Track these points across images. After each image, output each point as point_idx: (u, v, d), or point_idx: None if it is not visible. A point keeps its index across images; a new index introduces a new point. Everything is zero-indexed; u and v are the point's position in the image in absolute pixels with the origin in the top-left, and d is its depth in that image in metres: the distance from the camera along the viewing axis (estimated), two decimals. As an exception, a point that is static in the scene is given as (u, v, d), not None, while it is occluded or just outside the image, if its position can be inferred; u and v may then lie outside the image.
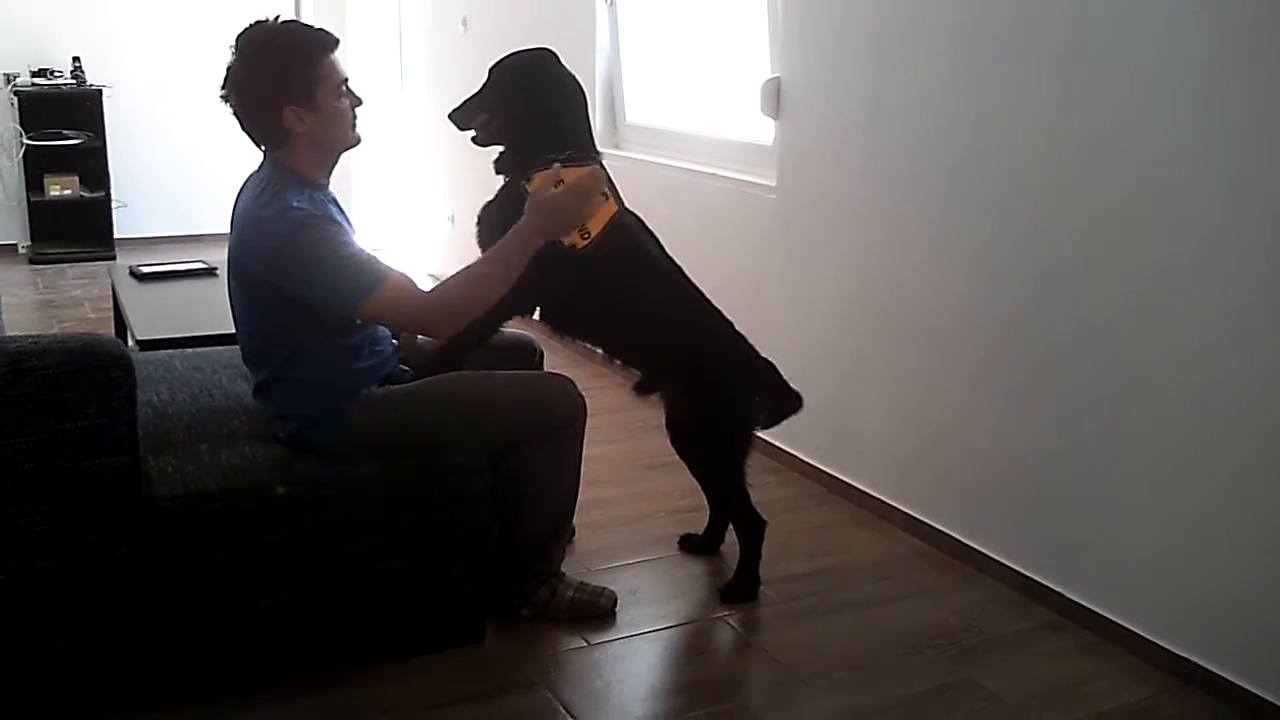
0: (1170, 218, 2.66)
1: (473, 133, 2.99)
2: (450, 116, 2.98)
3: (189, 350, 3.36)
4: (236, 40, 2.61)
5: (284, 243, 2.51)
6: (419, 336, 2.98)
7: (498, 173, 2.97)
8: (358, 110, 2.68)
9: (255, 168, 2.71)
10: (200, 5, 7.64)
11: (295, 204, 2.53)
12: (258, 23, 2.62)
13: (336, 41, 2.64)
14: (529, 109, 2.91)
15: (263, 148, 2.67)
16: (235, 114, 2.62)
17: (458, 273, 2.61)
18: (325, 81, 2.59)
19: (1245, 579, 2.58)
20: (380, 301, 2.50)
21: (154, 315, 4.08)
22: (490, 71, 2.99)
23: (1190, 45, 2.59)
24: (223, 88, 2.61)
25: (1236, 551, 2.60)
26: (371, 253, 2.58)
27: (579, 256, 2.79)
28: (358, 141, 2.70)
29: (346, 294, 2.50)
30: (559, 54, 2.99)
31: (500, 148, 2.98)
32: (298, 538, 2.57)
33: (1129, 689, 2.72)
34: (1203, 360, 2.62)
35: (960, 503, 3.35)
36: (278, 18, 2.65)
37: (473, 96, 2.98)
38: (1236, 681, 2.60)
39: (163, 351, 3.38)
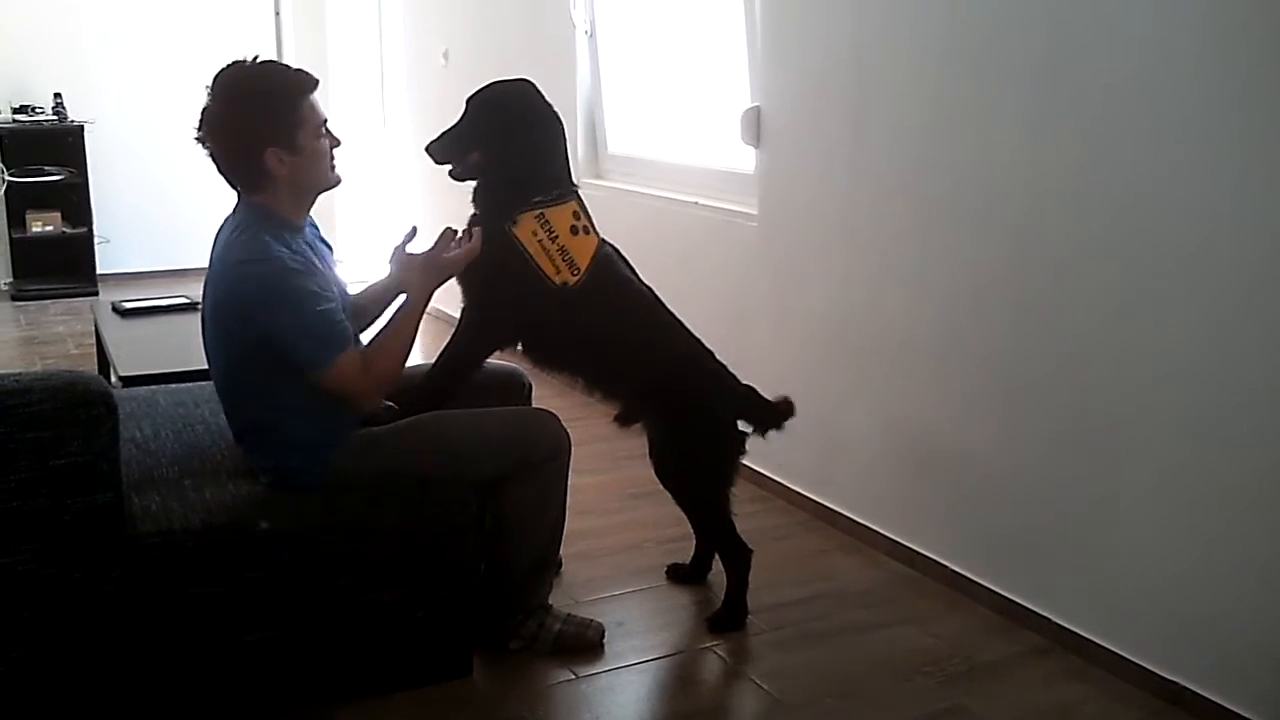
0: (1152, 241, 2.67)
1: (449, 167, 2.91)
2: (428, 150, 2.90)
3: (172, 386, 3.36)
4: (213, 82, 2.58)
5: (264, 286, 2.50)
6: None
7: (476, 206, 2.93)
8: (336, 151, 2.67)
9: (230, 212, 2.67)
10: (181, 41, 7.65)
11: (276, 249, 2.52)
12: (234, 64, 2.59)
13: (316, 82, 2.62)
14: (516, 147, 2.84)
15: (238, 190, 2.64)
16: (213, 157, 2.59)
17: (377, 347, 2.65)
18: (306, 124, 2.57)
19: (1230, 600, 2.59)
20: (335, 373, 2.53)
21: (137, 351, 4.06)
22: (469, 102, 2.92)
23: (1171, 72, 2.61)
24: (199, 130, 2.57)
25: (1221, 573, 2.60)
26: (340, 317, 2.58)
27: (568, 292, 2.81)
28: (338, 182, 2.70)
29: (309, 354, 2.53)
30: (538, 84, 2.97)
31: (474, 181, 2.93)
32: (282, 573, 2.56)
33: (1116, 714, 2.72)
34: (1187, 381, 2.63)
35: (946, 528, 3.35)
36: (255, 58, 2.62)
37: (452, 128, 2.90)
38: (1223, 703, 2.60)
39: (146, 387, 3.37)
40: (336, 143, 2.66)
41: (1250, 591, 2.55)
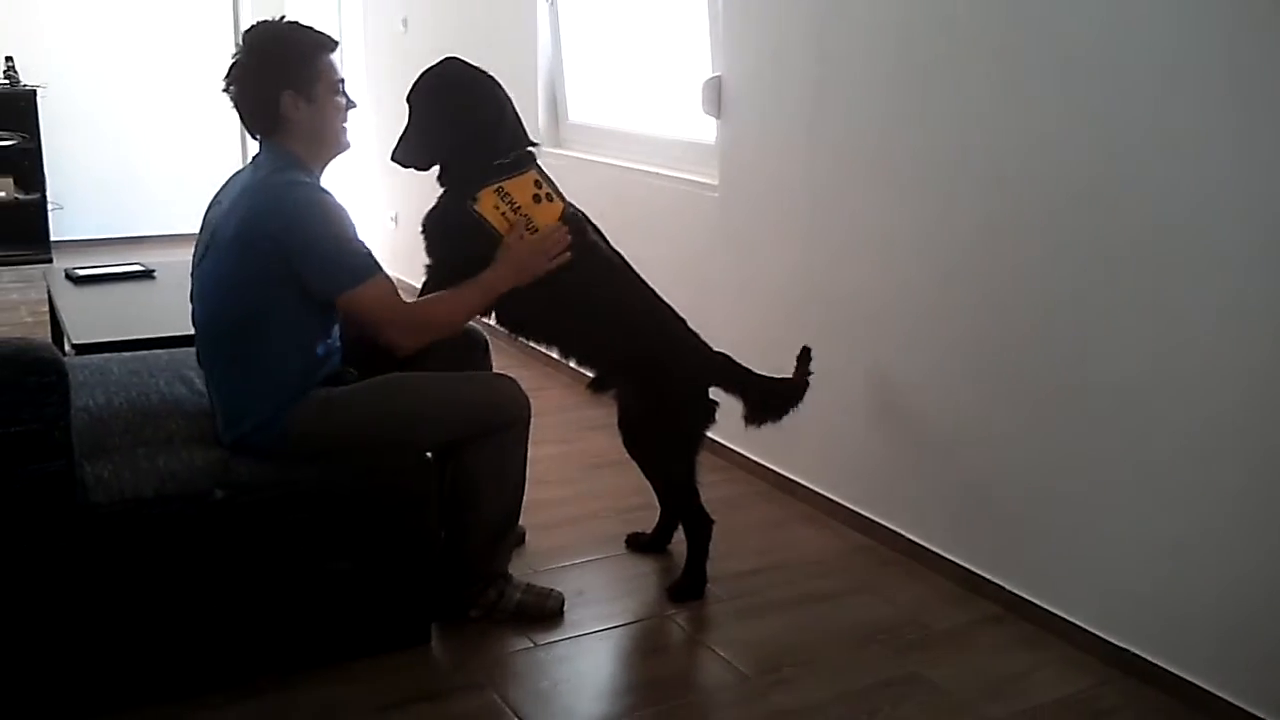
0: (1129, 215, 2.66)
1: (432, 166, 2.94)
2: (394, 159, 2.95)
3: (126, 354, 3.32)
4: (244, 36, 2.77)
5: (315, 202, 2.63)
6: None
7: (441, 184, 2.95)
8: (350, 114, 2.79)
9: (250, 161, 2.81)
10: (136, 4, 7.52)
11: (309, 178, 2.69)
12: (263, 21, 2.78)
13: (336, 44, 2.78)
14: (458, 129, 2.87)
15: (258, 137, 2.75)
16: (234, 102, 2.73)
17: (437, 294, 2.81)
18: (323, 77, 2.72)
19: (1180, 570, 2.62)
20: (366, 294, 2.65)
21: (90, 318, 4.01)
22: (409, 100, 2.94)
23: (1140, 34, 2.59)
24: (225, 78, 2.72)
25: (1172, 543, 2.63)
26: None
27: None
28: (348, 146, 2.82)
29: (340, 274, 2.64)
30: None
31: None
32: (238, 542, 2.54)
33: (1069, 680, 2.75)
34: (1156, 357, 2.64)
35: (904, 498, 3.38)
36: (283, 17, 2.79)
37: (406, 131, 2.94)
38: (1173, 670, 2.64)
39: (99, 355, 3.33)
40: (352, 105, 2.81)
41: (1200, 560, 2.58)
